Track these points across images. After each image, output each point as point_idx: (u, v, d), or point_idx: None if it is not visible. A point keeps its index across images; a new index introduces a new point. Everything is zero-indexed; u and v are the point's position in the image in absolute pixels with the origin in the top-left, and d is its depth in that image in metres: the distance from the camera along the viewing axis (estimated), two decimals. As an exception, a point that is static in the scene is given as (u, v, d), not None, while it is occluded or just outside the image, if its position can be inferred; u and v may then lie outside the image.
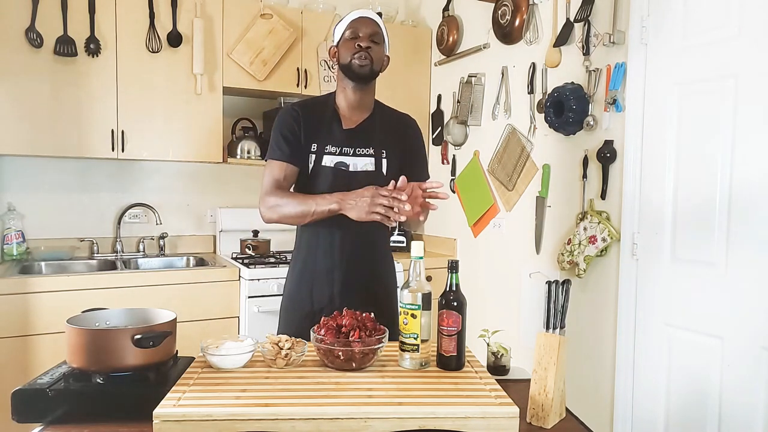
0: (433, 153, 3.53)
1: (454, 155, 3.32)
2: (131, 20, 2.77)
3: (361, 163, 1.74)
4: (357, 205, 1.55)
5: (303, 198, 1.66)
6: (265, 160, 1.77)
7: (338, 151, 1.73)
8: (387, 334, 1.38)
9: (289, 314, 1.82)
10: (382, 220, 1.52)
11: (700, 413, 2.00)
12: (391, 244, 3.48)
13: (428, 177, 1.90)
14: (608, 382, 2.34)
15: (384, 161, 1.76)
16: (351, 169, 1.73)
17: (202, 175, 3.31)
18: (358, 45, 1.68)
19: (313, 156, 1.73)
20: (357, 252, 1.75)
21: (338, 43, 1.75)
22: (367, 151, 1.75)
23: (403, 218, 1.53)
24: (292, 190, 1.77)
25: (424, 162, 1.91)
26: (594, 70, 2.37)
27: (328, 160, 1.73)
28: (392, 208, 1.51)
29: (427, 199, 1.57)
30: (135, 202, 3.13)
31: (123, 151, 2.79)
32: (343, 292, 1.74)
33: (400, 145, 1.81)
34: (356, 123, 1.77)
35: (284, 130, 1.74)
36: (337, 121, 1.76)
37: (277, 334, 1.53)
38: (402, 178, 1.55)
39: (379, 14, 1.77)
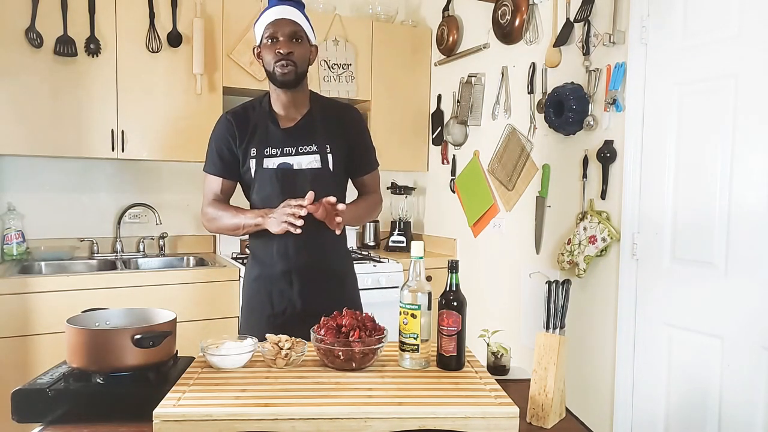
0: (433, 153, 3.53)
1: (454, 155, 3.32)
2: (131, 20, 2.77)
3: (306, 161, 1.72)
4: (274, 219, 1.60)
5: (236, 212, 1.72)
6: (203, 170, 1.81)
7: (279, 152, 1.72)
8: (387, 333, 1.39)
9: (250, 318, 1.81)
10: (289, 228, 1.56)
11: (700, 413, 2.00)
12: (391, 244, 3.49)
13: (376, 165, 1.90)
14: (608, 382, 2.34)
15: (329, 156, 1.74)
16: (296, 167, 1.71)
17: (202, 175, 3.30)
18: (278, 52, 1.64)
19: (254, 161, 1.73)
20: (313, 252, 1.74)
21: (260, 44, 1.71)
22: (311, 148, 1.73)
23: (300, 223, 1.55)
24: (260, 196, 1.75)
25: (370, 151, 1.87)
26: (594, 70, 2.37)
27: (270, 163, 1.72)
28: (297, 217, 1.54)
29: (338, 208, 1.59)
30: (135, 202, 3.13)
31: (123, 151, 2.79)
32: (303, 292, 1.74)
33: (343, 137, 1.78)
34: (294, 121, 1.75)
35: (218, 143, 1.77)
36: (274, 122, 1.74)
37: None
38: (309, 194, 1.57)
39: (299, 1, 1.72)
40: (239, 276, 2.77)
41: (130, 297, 2.55)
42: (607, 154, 2.30)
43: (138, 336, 1.21)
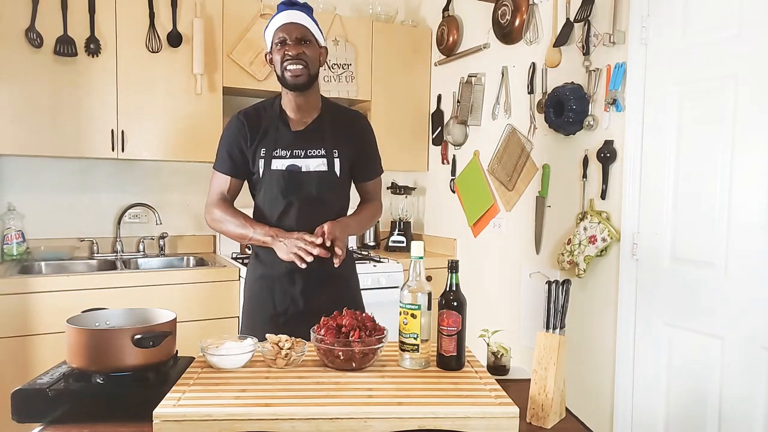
0: (433, 153, 3.53)
1: (454, 155, 3.32)
2: (131, 20, 2.77)
3: (314, 164, 1.75)
4: (284, 245, 1.65)
5: (244, 221, 1.74)
6: (213, 168, 1.83)
7: (288, 154, 1.74)
8: (387, 333, 1.39)
9: (252, 317, 1.83)
10: (296, 261, 1.62)
11: (700, 413, 2.00)
12: (391, 244, 3.49)
13: (381, 172, 1.93)
14: (608, 382, 2.34)
15: (336, 161, 1.77)
16: (303, 170, 1.74)
17: (202, 175, 3.31)
18: (288, 54, 1.67)
19: (262, 161, 1.75)
20: None
21: (270, 49, 1.74)
22: (319, 152, 1.76)
23: (309, 259, 1.62)
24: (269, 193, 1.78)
25: (375, 159, 1.91)
26: (594, 70, 2.37)
27: (279, 164, 1.74)
28: (309, 253, 1.62)
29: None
30: (135, 202, 3.13)
31: (123, 151, 2.79)
32: (305, 292, 1.76)
33: (351, 143, 1.82)
34: (305, 124, 1.78)
35: (229, 143, 1.79)
36: (285, 124, 1.77)
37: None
38: (323, 231, 1.65)
39: (306, 6, 1.75)
40: (239, 276, 2.77)
41: (130, 297, 2.55)
42: (607, 154, 2.30)
43: (138, 336, 1.21)
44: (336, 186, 1.78)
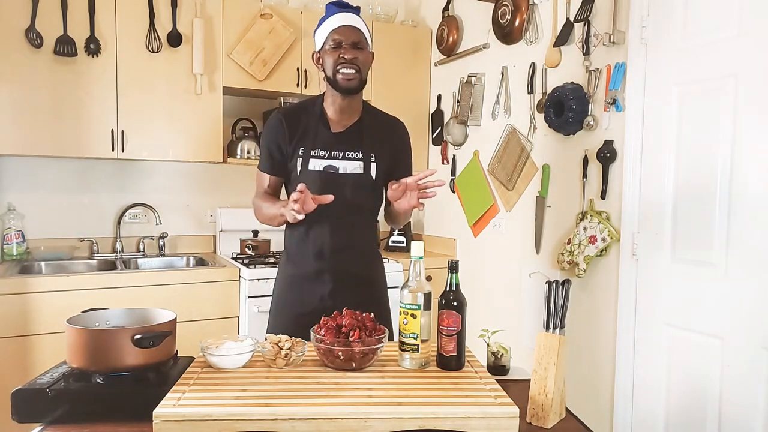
0: (433, 153, 3.53)
1: (454, 155, 3.32)
2: (131, 20, 2.77)
3: (351, 167, 1.75)
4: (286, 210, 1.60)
5: (271, 203, 1.76)
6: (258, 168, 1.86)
7: (326, 155, 1.75)
8: (387, 334, 1.39)
9: (279, 317, 1.83)
10: (295, 214, 1.55)
11: (700, 413, 2.00)
12: (391, 244, 3.49)
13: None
14: (608, 382, 2.34)
15: (373, 165, 1.77)
16: (340, 171, 1.75)
17: (202, 175, 3.31)
18: (343, 57, 1.67)
19: (300, 159, 1.75)
20: (346, 254, 1.77)
21: (320, 50, 1.74)
22: (356, 154, 1.76)
23: (301, 216, 1.56)
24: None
25: (409, 165, 1.91)
26: (594, 70, 2.37)
27: (316, 164, 1.74)
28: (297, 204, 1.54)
29: (424, 190, 1.59)
30: (135, 202, 3.13)
31: (123, 151, 2.79)
32: (334, 293, 1.76)
33: (388, 148, 1.82)
34: (345, 127, 1.78)
35: (269, 143, 1.81)
36: (325, 124, 1.78)
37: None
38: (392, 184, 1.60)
39: (357, 8, 1.75)
40: (239, 276, 2.77)
41: (130, 297, 2.55)
42: (607, 154, 2.30)
43: (138, 336, 1.21)
44: (370, 189, 1.79)
